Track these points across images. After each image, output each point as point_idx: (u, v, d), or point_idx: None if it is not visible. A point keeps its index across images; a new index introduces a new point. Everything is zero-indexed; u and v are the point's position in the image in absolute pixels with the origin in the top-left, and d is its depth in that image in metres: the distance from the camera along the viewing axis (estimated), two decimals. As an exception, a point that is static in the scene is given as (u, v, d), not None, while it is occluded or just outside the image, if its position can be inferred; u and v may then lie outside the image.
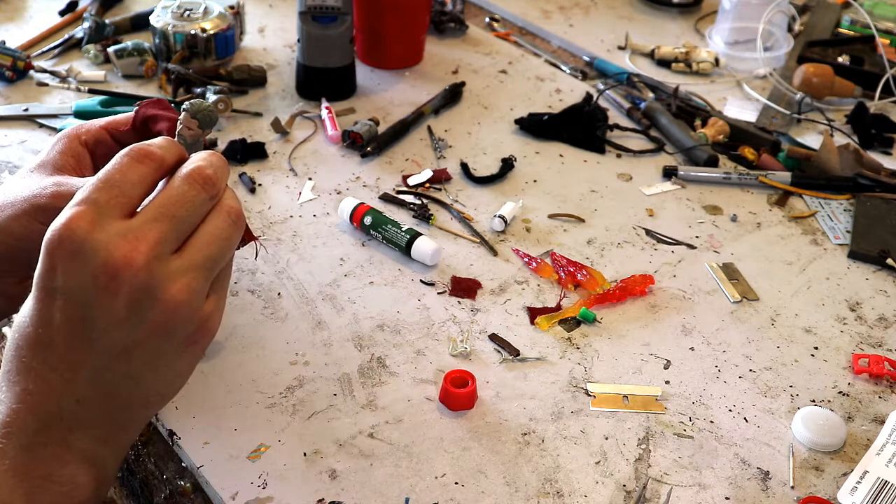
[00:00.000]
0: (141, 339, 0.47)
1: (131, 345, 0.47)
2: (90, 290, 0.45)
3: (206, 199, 0.50)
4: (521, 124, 1.02)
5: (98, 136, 0.62)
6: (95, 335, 0.46)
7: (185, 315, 0.48)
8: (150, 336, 0.47)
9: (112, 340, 0.47)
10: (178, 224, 0.48)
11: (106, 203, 0.46)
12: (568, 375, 0.70)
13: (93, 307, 0.46)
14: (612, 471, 0.62)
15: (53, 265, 0.45)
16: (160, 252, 0.47)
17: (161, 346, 0.48)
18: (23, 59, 1.05)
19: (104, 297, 0.45)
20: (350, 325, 0.74)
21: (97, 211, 0.46)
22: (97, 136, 0.62)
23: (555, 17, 1.31)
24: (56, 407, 0.47)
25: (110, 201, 0.46)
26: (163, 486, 0.63)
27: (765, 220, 0.90)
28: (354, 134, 0.96)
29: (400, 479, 0.61)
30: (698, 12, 1.34)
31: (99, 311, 0.46)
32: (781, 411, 0.68)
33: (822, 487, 0.62)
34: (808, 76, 1.10)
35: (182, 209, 0.48)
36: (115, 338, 0.47)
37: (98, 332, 0.46)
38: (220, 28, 1.06)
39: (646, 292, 0.79)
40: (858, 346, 0.75)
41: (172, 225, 0.48)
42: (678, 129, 1.02)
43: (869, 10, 1.25)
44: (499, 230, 0.86)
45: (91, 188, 0.47)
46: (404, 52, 1.13)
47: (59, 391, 0.47)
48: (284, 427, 0.64)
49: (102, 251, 0.45)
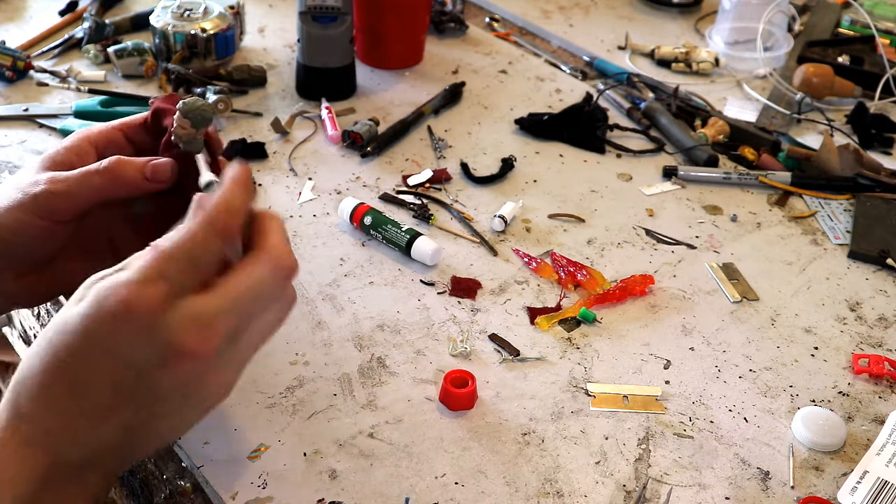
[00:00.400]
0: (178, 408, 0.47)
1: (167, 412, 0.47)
2: (152, 364, 0.45)
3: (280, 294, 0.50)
4: (521, 124, 1.02)
5: (110, 136, 0.61)
6: (140, 398, 0.46)
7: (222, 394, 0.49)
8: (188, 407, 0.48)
9: (153, 410, 0.46)
10: (247, 319, 0.48)
11: (182, 280, 0.45)
12: (568, 375, 0.70)
13: (148, 379, 0.45)
14: (612, 471, 0.62)
15: (117, 330, 0.44)
16: (225, 345, 0.46)
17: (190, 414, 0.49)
18: (23, 59, 1.05)
19: (163, 374, 0.45)
20: (350, 325, 0.74)
21: (170, 289, 0.44)
22: (109, 136, 0.61)
23: (555, 17, 1.31)
24: (78, 454, 0.46)
25: (185, 278, 0.45)
26: (163, 486, 0.63)
27: (765, 220, 0.90)
28: (354, 134, 0.96)
29: (400, 479, 0.61)
30: (698, 12, 1.34)
31: (152, 384, 0.45)
32: (781, 411, 0.68)
33: (822, 487, 0.62)
34: (808, 76, 1.10)
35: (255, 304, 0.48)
36: (157, 409, 0.46)
37: (142, 398, 0.46)
38: (220, 28, 1.06)
39: (646, 292, 0.79)
40: (858, 346, 0.75)
41: (243, 320, 0.47)
42: (678, 129, 1.02)
43: (869, 10, 1.25)
44: (499, 230, 0.86)
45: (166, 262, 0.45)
46: (404, 52, 1.13)
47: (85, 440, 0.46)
48: (284, 427, 0.64)
49: (174, 335, 0.44)
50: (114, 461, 0.48)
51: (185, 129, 0.57)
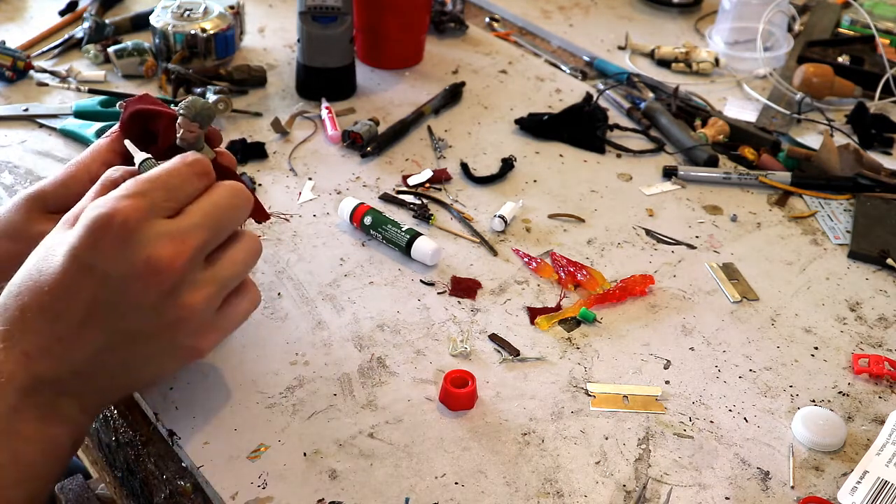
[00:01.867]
0: (150, 333, 0.49)
1: (139, 336, 0.49)
2: (127, 278, 0.47)
3: (244, 215, 0.53)
4: (521, 124, 1.02)
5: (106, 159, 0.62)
6: (112, 317, 0.48)
7: (195, 322, 0.50)
8: (159, 332, 0.50)
9: (126, 328, 0.48)
10: (218, 233, 0.51)
11: (160, 202, 0.48)
12: (568, 375, 0.70)
13: (121, 293, 0.47)
14: (612, 471, 0.62)
15: (96, 243, 0.47)
16: (198, 258, 0.49)
17: (162, 345, 0.51)
18: (23, 59, 1.05)
19: (137, 288, 0.47)
20: (350, 325, 0.74)
21: (151, 207, 0.48)
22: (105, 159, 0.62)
23: (555, 17, 1.31)
24: (52, 375, 0.48)
25: (161, 200, 0.48)
26: (163, 486, 0.63)
27: (765, 220, 0.90)
28: (354, 134, 0.96)
29: (400, 479, 0.61)
30: (698, 12, 1.34)
31: (126, 299, 0.47)
32: (781, 411, 0.68)
33: (822, 487, 0.62)
34: (808, 76, 1.10)
35: (224, 220, 0.51)
36: (130, 326, 0.48)
37: (116, 317, 0.48)
38: (220, 28, 1.06)
39: (646, 292, 0.79)
40: (858, 346, 0.75)
41: (213, 234, 0.50)
42: (678, 129, 1.02)
43: (869, 10, 1.25)
44: (499, 230, 0.86)
45: (149, 183, 0.49)
46: (404, 52, 1.13)
47: (59, 361, 0.48)
48: (284, 427, 0.64)
49: (148, 245, 0.47)
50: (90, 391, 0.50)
51: (194, 132, 0.57)
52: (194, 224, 0.49)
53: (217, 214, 0.51)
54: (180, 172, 0.50)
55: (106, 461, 0.71)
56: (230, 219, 0.52)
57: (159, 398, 0.65)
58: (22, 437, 0.48)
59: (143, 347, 0.50)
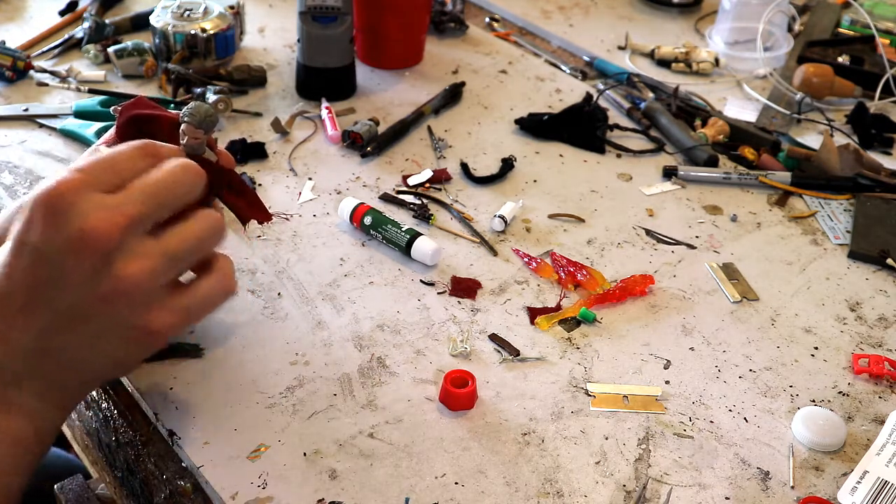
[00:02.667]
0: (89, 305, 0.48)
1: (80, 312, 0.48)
2: (61, 251, 0.47)
3: (193, 194, 0.51)
4: (521, 124, 1.02)
5: None
6: (53, 294, 0.48)
7: (138, 297, 0.49)
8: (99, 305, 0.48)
9: (65, 302, 0.48)
10: (159, 209, 0.50)
11: (98, 176, 0.48)
12: (568, 375, 0.70)
13: (58, 268, 0.47)
14: (612, 471, 0.62)
15: (32, 220, 0.47)
16: (134, 229, 0.48)
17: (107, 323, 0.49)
18: (23, 59, 1.05)
19: (71, 259, 0.47)
20: (350, 325, 0.74)
21: (87, 180, 0.47)
22: None
23: (555, 17, 1.31)
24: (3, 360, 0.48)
25: (102, 176, 0.48)
26: (163, 486, 0.63)
27: (765, 220, 0.90)
28: (354, 134, 0.96)
29: (400, 479, 0.61)
30: (698, 12, 1.34)
31: (62, 272, 0.47)
32: (781, 411, 0.68)
33: (822, 487, 0.62)
34: (808, 76, 1.10)
35: (168, 196, 0.50)
36: (68, 300, 0.48)
37: (55, 293, 0.48)
38: (220, 28, 1.06)
39: (646, 292, 0.79)
40: (858, 346, 0.75)
41: (154, 209, 0.49)
42: (678, 129, 1.02)
43: (869, 10, 1.25)
44: (499, 230, 0.86)
45: (90, 160, 0.49)
46: (404, 52, 1.13)
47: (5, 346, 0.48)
48: (284, 427, 0.64)
49: (82, 216, 0.47)
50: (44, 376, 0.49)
51: (199, 138, 0.56)
52: (132, 197, 0.48)
53: (158, 188, 0.50)
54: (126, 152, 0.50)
55: (106, 461, 0.71)
56: (175, 193, 0.50)
57: (159, 398, 0.65)
58: None
59: (86, 326, 0.49)
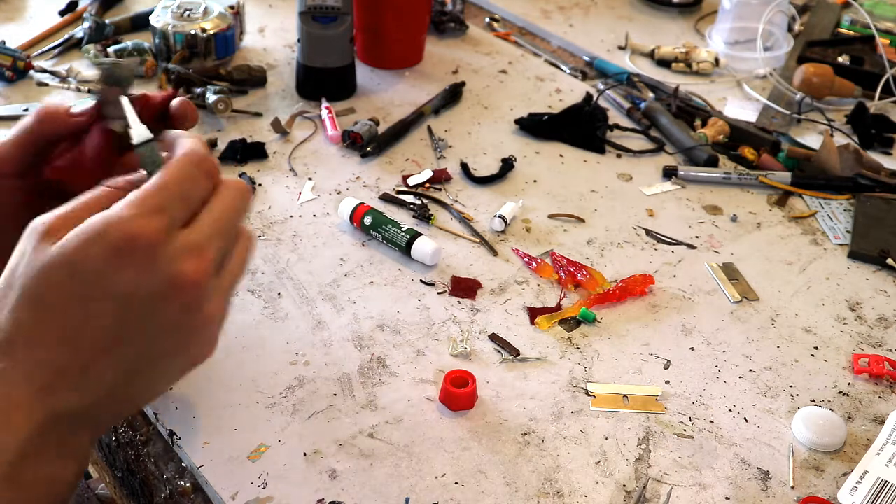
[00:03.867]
0: (174, 349, 0.47)
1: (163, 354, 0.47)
2: (153, 299, 0.45)
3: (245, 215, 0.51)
4: (521, 124, 1.02)
5: None
6: (138, 342, 0.46)
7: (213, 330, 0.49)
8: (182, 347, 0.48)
9: (151, 348, 0.46)
10: (230, 240, 0.49)
11: (174, 213, 0.46)
12: (568, 375, 0.70)
13: (148, 315, 0.45)
14: (612, 471, 0.62)
15: (121, 266, 0.44)
16: (215, 269, 0.48)
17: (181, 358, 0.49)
18: (23, 59, 1.05)
19: (163, 307, 0.45)
20: (350, 325, 0.74)
21: (170, 222, 0.46)
22: None
23: (555, 17, 1.31)
24: (72, 408, 0.45)
25: (178, 211, 0.46)
26: (163, 486, 0.63)
27: (765, 220, 0.90)
28: (354, 134, 0.96)
29: (400, 479, 0.61)
30: (698, 12, 1.34)
31: (152, 319, 0.45)
32: (781, 411, 0.68)
33: (822, 487, 0.62)
34: (808, 76, 1.10)
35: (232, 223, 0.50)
36: (155, 346, 0.46)
37: (142, 339, 0.46)
38: (220, 28, 1.06)
39: (646, 292, 0.79)
40: (858, 346, 0.75)
41: (227, 241, 0.49)
42: (678, 129, 1.02)
43: (869, 10, 1.25)
44: (499, 230, 0.86)
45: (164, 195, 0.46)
46: (404, 52, 1.13)
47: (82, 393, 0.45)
48: (284, 427, 0.64)
49: (173, 266, 0.45)
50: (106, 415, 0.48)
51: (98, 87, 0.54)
52: (209, 234, 0.47)
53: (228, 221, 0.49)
54: (192, 177, 0.48)
55: (106, 461, 0.71)
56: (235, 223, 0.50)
57: (159, 398, 0.65)
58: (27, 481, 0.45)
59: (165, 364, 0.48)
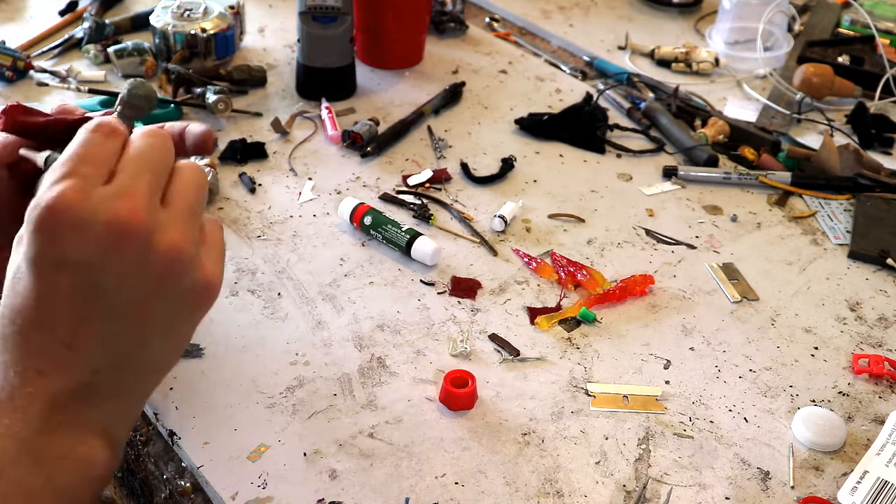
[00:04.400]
0: (148, 293, 0.48)
1: (140, 303, 0.48)
2: (98, 254, 0.46)
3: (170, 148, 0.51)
4: (521, 124, 1.02)
5: None
6: (106, 299, 0.47)
7: (185, 262, 0.49)
8: (157, 289, 0.48)
9: (122, 300, 0.47)
10: (157, 175, 0.49)
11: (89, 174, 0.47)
12: (568, 375, 0.70)
13: (102, 271, 0.46)
14: (612, 471, 0.62)
15: (54, 239, 0.46)
16: (152, 203, 0.48)
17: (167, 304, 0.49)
18: (23, 59, 1.05)
19: (112, 256, 0.46)
20: (350, 325, 0.74)
21: (84, 182, 0.47)
22: None
23: (555, 17, 1.31)
24: (72, 382, 0.47)
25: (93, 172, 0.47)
26: (163, 486, 0.63)
27: (765, 220, 0.90)
28: (354, 134, 0.96)
29: (400, 479, 0.61)
30: (698, 12, 1.34)
31: (108, 272, 0.46)
32: (781, 411, 0.68)
33: (822, 487, 0.62)
34: (808, 76, 1.10)
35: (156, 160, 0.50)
36: (125, 296, 0.47)
37: (109, 294, 0.47)
38: (220, 28, 1.06)
39: (646, 292, 0.79)
40: (858, 346, 0.75)
41: (154, 176, 0.49)
42: (678, 129, 1.02)
43: (869, 10, 1.25)
44: (499, 230, 0.86)
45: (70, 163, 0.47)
46: (404, 52, 1.13)
47: (74, 366, 0.47)
48: (284, 427, 0.64)
49: (103, 214, 0.46)
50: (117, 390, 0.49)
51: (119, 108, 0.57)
52: (131, 175, 0.48)
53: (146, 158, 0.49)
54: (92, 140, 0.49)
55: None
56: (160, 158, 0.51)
57: (159, 398, 0.65)
58: (53, 457, 0.46)
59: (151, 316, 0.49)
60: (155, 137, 0.51)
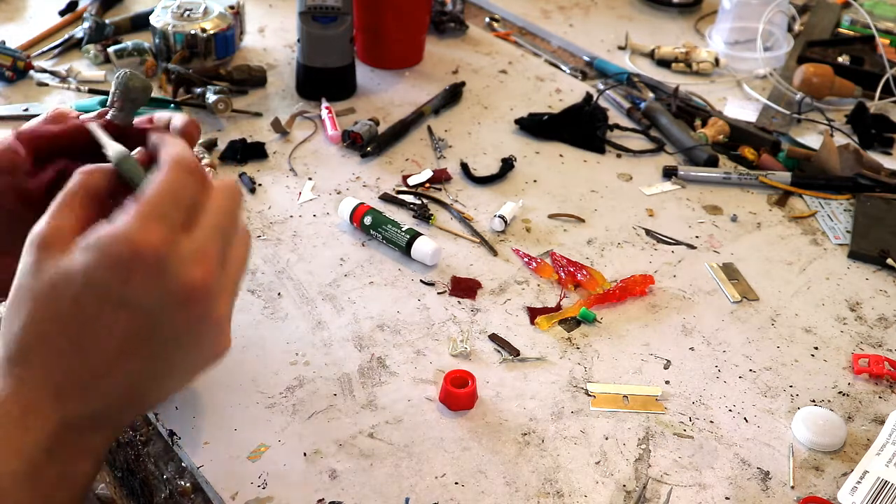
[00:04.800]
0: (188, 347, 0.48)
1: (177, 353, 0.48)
2: (164, 305, 0.46)
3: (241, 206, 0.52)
4: (521, 124, 1.02)
5: None
6: (153, 345, 0.47)
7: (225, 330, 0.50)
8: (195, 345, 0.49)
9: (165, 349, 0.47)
10: (225, 239, 0.50)
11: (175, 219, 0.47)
12: (568, 375, 0.70)
13: (160, 320, 0.46)
14: (612, 471, 0.62)
15: (128, 279, 0.45)
16: (219, 269, 0.48)
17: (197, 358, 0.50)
18: (23, 59, 1.05)
19: (177, 313, 0.46)
20: (350, 325, 0.74)
21: (171, 229, 0.46)
22: None
23: (555, 17, 1.31)
24: (87, 410, 0.47)
25: (175, 217, 0.47)
26: (163, 486, 0.63)
27: (765, 220, 0.90)
28: (354, 134, 0.96)
29: (400, 479, 0.61)
30: (698, 12, 1.34)
31: (166, 323, 0.46)
32: (781, 411, 0.68)
33: (822, 487, 0.62)
34: (808, 76, 1.10)
35: (231, 224, 0.50)
36: (170, 346, 0.47)
37: (157, 342, 0.47)
38: (220, 28, 1.06)
39: (646, 292, 0.79)
40: (858, 346, 0.75)
41: (224, 240, 0.49)
42: (678, 129, 1.02)
43: (869, 10, 1.25)
44: (499, 230, 0.86)
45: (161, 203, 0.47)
46: (404, 52, 1.13)
47: (95, 394, 0.47)
48: (284, 427, 0.64)
49: (181, 270, 0.46)
50: (120, 417, 0.49)
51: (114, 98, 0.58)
52: (209, 236, 0.48)
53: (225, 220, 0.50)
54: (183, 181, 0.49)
55: (106, 461, 0.71)
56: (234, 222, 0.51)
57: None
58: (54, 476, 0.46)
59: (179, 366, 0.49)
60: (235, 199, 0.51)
